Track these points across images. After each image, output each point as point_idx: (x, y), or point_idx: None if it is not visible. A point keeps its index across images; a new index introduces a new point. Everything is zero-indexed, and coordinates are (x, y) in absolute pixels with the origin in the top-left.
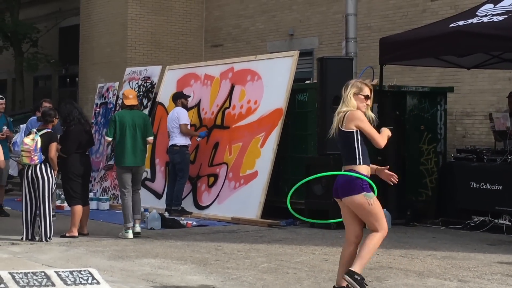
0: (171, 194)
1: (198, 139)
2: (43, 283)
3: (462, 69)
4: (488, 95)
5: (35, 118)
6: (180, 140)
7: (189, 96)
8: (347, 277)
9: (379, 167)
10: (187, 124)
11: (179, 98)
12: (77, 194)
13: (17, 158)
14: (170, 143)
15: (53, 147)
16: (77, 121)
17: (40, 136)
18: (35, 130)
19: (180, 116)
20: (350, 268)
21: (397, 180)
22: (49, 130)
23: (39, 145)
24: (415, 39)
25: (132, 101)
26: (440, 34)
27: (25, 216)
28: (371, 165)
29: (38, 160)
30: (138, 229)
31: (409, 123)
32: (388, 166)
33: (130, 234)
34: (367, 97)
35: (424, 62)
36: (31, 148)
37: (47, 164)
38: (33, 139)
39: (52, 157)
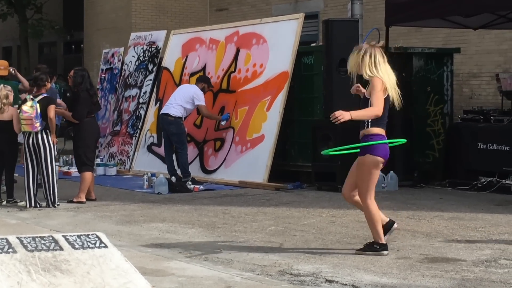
0: (171, 163)
1: (223, 123)
2: (51, 247)
3: (468, 29)
4: (495, 56)
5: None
6: (177, 111)
7: (212, 87)
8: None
9: None
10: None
11: (205, 81)
12: (89, 161)
13: None
14: (164, 111)
15: (52, 108)
16: (86, 90)
17: (38, 102)
18: (31, 96)
19: (199, 97)
20: (369, 241)
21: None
22: (45, 95)
23: (38, 111)
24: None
25: (4, 72)
26: None
27: (27, 184)
28: None
29: (39, 127)
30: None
31: (416, 85)
32: None
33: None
34: None
35: (430, 23)
36: (32, 116)
37: (48, 131)
38: (32, 106)
39: (52, 117)
